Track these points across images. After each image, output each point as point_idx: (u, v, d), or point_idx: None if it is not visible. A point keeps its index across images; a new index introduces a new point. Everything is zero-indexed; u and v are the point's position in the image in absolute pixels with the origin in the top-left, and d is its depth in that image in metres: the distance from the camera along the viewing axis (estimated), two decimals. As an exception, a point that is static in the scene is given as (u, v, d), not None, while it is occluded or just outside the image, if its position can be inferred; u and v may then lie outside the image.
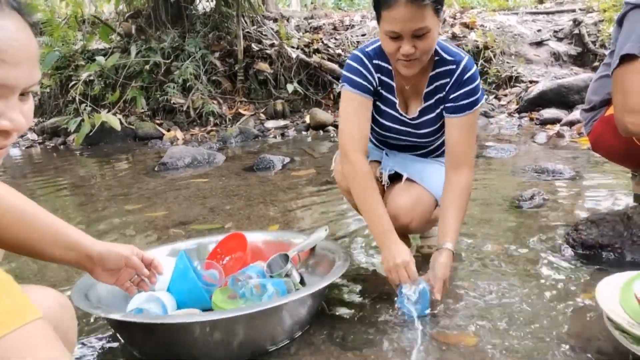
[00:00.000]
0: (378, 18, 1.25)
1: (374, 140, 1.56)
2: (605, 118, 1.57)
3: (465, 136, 1.34)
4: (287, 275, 1.31)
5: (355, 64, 1.36)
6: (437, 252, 1.28)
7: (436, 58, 1.34)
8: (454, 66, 1.33)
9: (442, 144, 1.50)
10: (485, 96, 5.27)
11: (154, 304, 1.16)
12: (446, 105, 1.36)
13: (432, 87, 1.37)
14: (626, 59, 1.36)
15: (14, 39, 0.56)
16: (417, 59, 1.24)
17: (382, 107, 1.42)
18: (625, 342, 0.95)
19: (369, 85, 1.35)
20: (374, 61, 1.37)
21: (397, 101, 1.40)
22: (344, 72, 1.38)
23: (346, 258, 1.28)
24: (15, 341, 0.50)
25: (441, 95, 1.37)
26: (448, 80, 1.34)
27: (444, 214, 1.32)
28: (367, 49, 1.38)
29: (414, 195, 1.40)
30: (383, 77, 1.38)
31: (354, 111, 1.35)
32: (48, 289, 0.77)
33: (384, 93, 1.40)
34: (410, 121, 1.42)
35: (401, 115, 1.42)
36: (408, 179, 1.43)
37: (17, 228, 0.81)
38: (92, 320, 1.32)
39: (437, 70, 1.35)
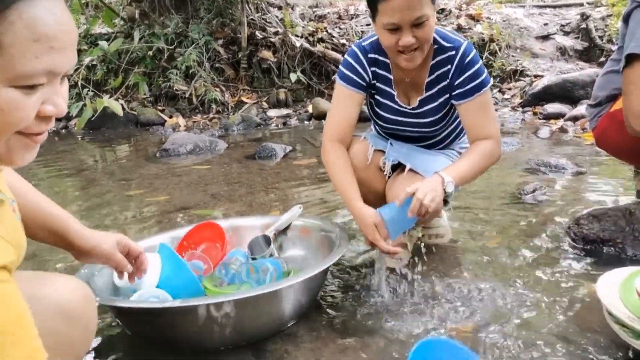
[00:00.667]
0: (374, 13, 1.24)
1: (379, 131, 1.56)
2: (611, 113, 1.56)
3: (480, 117, 1.34)
4: (270, 256, 1.33)
5: (349, 59, 1.40)
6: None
7: (435, 47, 1.33)
8: (454, 52, 1.32)
9: (449, 134, 1.49)
10: (490, 89, 5.23)
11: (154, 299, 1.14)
12: (453, 93, 1.36)
13: (433, 76, 1.37)
14: (631, 58, 1.35)
15: (61, 24, 0.55)
16: (418, 49, 1.24)
17: (381, 99, 1.43)
18: (625, 336, 0.95)
19: (360, 80, 1.38)
20: (370, 55, 1.38)
21: (395, 93, 1.41)
22: (340, 66, 1.42)
23: (346, 238, 1.30)
24: None
25: (445, 83, 1.36)
26: (449, 67, 1.34)
27: (457, 160, 1.34)
28: (363, 43, 1.41)
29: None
30: (380, 71, 1.39)
31: (339, 103, 1.41)
32: (71, 278, 0.78)
33: (381, 86, 1.41)
34: (411, 111, 1.42)
35: (401, 106, 1.42)
36: (411, 170, 1.42)
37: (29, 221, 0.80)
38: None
39: (438, 58, 1.34)
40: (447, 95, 1.38)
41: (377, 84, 1.41)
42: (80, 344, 0.75)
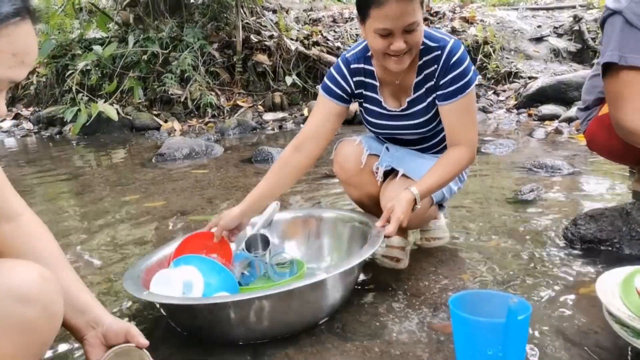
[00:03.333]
0: (364, 17, 1.24)
1: (376, 133, 1.56)
2: (599, 118, 1.58)
3: (461, 120, 1.35)
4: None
5: (333, 71, 1.44)
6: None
7: (421, 47, 1.33)
8: (439, 52, 1.32)
9: (443, 138, 1.50)
10: (484, 91, 5.26)
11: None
12: (437, 93, 1.36)
13: (420, 76, 1.37)
14: (607, 67, 1.36)
15: (33, 45, 0.69)
16: (407, 53, 1.25)
17: (368, 106, 1.46)
18: (625, 335, 0.95)
19: (340, 92, 1.42)
20: (352, 66, 1.40)
21: (381, 99, 1.43)
22: (324, 78, 1.46)
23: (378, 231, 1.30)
24: None
25: (431, 83, 1.36)
26: (435, 67, 1.34)
27: (426, 173, 1.35)
28: (347, 55, 1.44)
29: None
30: (365, 79, 1.42)
31: (314, 112, 1.46)
32: (30, 263, 0.76)
33: (368, 93, 1.43)
34: (399, 113, 1.42)
35: (389, 110, 1.43)
36: (404, 175, 1.42)
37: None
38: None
39: (424, 58, 1.34)
40: (435, 95, 1.38)
41: (364, 92, 1.43)
42: (44, 327, 0.73)
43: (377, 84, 1.41)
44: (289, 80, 5.25)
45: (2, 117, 0.70)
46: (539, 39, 5.78)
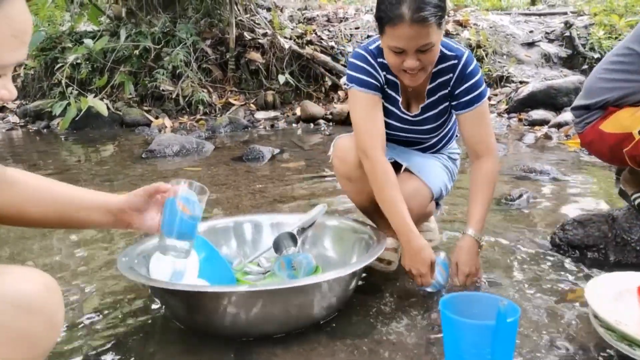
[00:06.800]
0: (381, 31, 1.24)
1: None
2: (600, 132, 1.48)
3: (479, 127, 1.36)
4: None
5: (361, 63, 1.35)
6: (460, 238, 1.34)
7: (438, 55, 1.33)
8: (456, 61, 1.33)
9: (442, 139, 1.50)
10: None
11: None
12: (453, 103, 1.37)
13: (434, 83, 1.37)
14: None
15: (29, 21, 0.65)
16: (422, 70, 1.25)
17: (386, 105, 1.42)
18: (609, 339, 0.96)
19: (377, 83, 1.35)
20: (379, 59, 1.36)
21: (400, 99, 1.41)
22: (350, 72, 1.37)
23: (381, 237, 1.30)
24: None
25: (445, 91, 1.37)
26: (451, 75, 1.34)
27: (470, 202, 1.36)
28: (370, 47, 1.37)
29: (411, 186, 1.40)
30: (388, 76, 1.38)
31: (367, 110, 1.34)
32: (33, 270, 0.75)
33: (389, 91, 1.40)
34: (412, 119, 1.43)
35: (403, 113, 1.42)
36: (407, 170, 1.43)
37: (40, 207, 0.87)
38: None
39: (440, 66, 1.35)
40: (447, 103, 1.39)
41: (387, 89, 1.40)
42: (45, 337, 0.72)
43: (399, 82, 1.38)
44: (282, 79, 5.23)
45: (13, 98, 0.68)
46: (530, 44, 5.84)
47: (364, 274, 1.45)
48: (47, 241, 1.84)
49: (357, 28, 6.01)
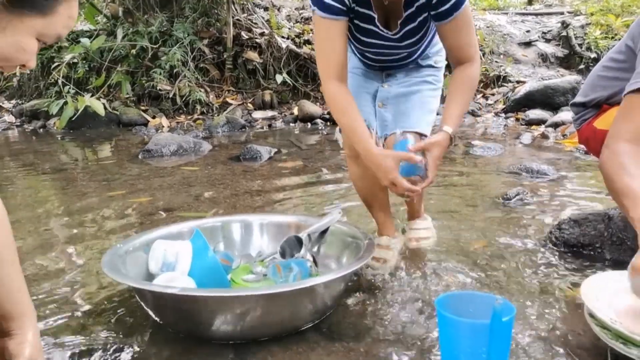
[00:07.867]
0: None
1: (360, 57, 1.51)
2: (594, 129, 1.50)
3: (460, 36, 1.33)
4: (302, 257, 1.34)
5: None
6: (437, 133, 1.32)
7: None
8: None
9: (425, 48, 1.48)
10: (474, 95, 5.31)
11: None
12: (432, 12, 1.32)
13: None
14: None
15: (77, 7, 0.83)
16: None
17: (361, 24, 1.37)
18: (605, 337, 0.96)
19: (340, 6, 1.29)
20: None
21: (375, 15, 1.35)
22: None
23: (370, 240, 1.29)
24: None
25: (422, 1, 1.31)
26: None
27: (447, 102, 1.35)
28: None
29: None
30: None
31: (327, 37, 1.31)
32: None
33: (361, 9, 1.34)
34: (392, 36, 1.38)
35: (382, 31, 1.37)
36: (405, 132, 1.39)
37: None
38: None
39: None
40: (426, 14, 1.34)
41: (357, 8, 1.33)
42: None
43: None
44: (279, 78, 5.23)
45: (31, 69, 0.77)
46: (527, 44, 5.86)
47: (357, 275, 1.46)
48: (41, 239, 1.83)
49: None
